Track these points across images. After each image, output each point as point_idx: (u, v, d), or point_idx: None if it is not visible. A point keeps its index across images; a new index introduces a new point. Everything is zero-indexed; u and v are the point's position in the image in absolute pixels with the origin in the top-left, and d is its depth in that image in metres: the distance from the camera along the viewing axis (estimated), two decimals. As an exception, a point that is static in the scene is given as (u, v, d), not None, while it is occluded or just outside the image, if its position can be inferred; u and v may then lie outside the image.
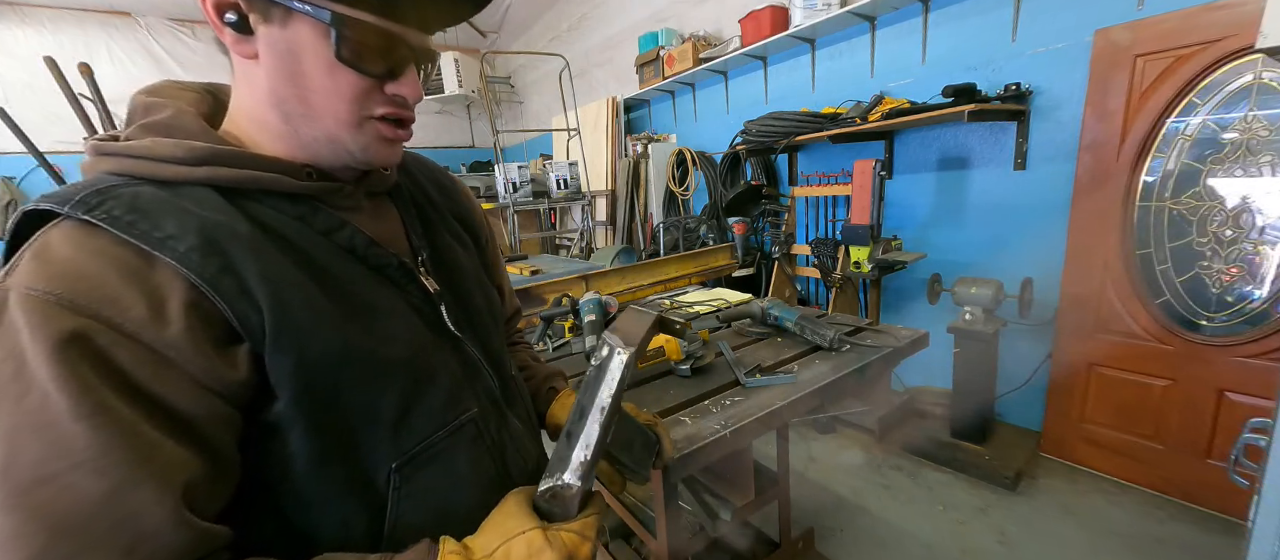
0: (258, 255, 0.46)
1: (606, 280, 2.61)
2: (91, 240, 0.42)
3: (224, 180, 0.48)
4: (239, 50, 0.48)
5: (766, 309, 1.59)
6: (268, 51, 0.47)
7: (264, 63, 0.48)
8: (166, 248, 0.42)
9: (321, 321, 0.49)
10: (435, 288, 0.63)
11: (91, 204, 0.43)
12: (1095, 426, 2.37)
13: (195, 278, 0.43)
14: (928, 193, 2.95)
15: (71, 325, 0.38)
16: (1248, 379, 1.96)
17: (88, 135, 3.21)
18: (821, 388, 1.21)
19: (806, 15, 3.09)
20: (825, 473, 2.55)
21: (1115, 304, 2.25)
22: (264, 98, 0.50)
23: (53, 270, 0.40)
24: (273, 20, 0.46)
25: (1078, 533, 2.04)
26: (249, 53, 0.48)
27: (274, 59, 0.48)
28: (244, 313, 0.45)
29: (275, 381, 0.46)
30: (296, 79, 0.48)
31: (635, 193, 4.88)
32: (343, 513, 0.51)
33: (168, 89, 0.54)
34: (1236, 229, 1.95)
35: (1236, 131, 1.92)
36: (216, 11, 0.46)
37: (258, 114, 0.51)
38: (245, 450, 0.47)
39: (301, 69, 0.48)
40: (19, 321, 0.38)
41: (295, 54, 0.47)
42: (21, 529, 0.36)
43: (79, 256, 0.41)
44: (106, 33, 5.88)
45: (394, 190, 0.66)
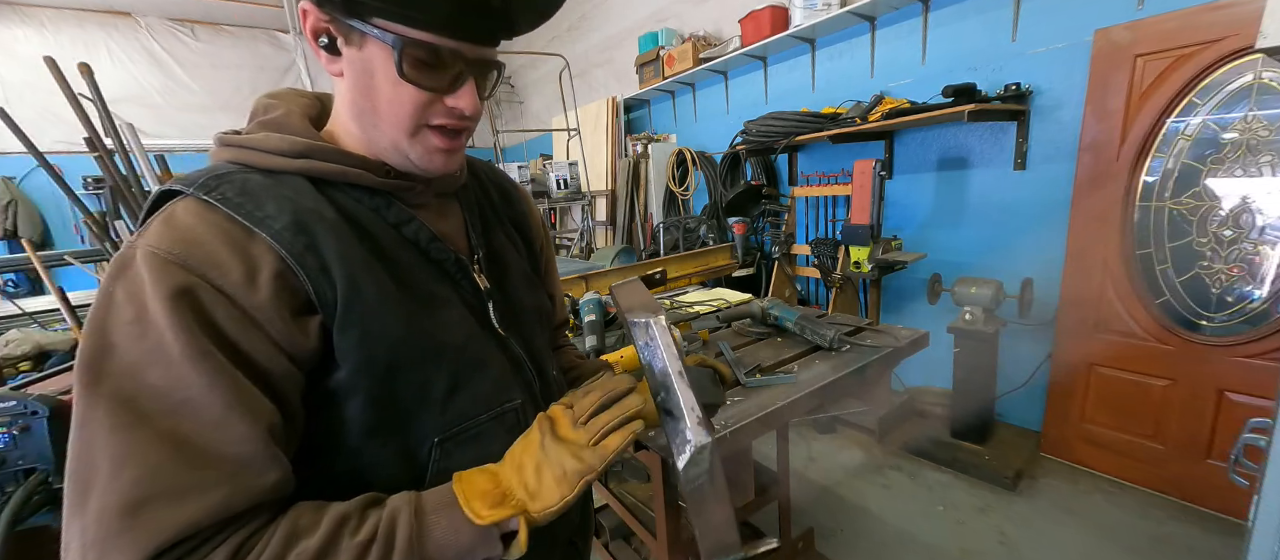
0: (338, 238, 0.53)
1: (606, 280, 2.60)
2: (208, 214, 0.50)
3: (316, 172, 0.56)
4: (330, 69, 0.56)
5: (766, 309, 1.59)
6: (349, 69, 0.55)
7: (346, 78, 0.56)
8: (264, 225, 0.50)
9: (386, 302, 0.55)
10: (486, 285, 0.68)
11: (211, 186, 0.51)
12: (1095, 426, 2.37)
13: (284, 253, 0.50)
14: (928, 193, 2.95)
15: (182, 281, 0.46)
16: (1248, 379, 1.96)
17: (88, 134, 3.21)
18: (821, 388, 1.21)
19: (806, 15, 3.09)
20: (825, 473, 2.55)
21: (1115, 304, 2.25)
22: (347, 107, 0.59)
23: (174, 235, 0.48)
24: (352, 43, 0.53)
25: (1078, 533, 2.04)
26: (336, 71, 0.56)
27: (353, 75, 0.55)
28: (321, 288, 0.51)
29: (340, 353, 0.52)
30: (369, 92, 0.55)
31: (635, 193, 4.88)
32: (385, 481, 0.56)
33: (286, 94, 0.64)
34: (1236, 229, 1.95)
35: (1236, 131, 1.92)
36: (313, 36, 0.54)
37: (344, 120, 0.60)
38: (304, 414, 0.53)
39: (373, 83, 0.54)
40: (143, 273, 0.46)
41: (369, 71, 0.54)
42: (147, 445, 0.42)
43: (197, 226, 0.49)
44: (106, 33, 5.88)
45: (460, 191, 0.72)
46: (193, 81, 6.37)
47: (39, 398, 1.15)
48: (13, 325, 3.89)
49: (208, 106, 6.50)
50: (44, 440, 1.14)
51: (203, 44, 6.39)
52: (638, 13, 4.80)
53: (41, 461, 1.15)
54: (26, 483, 1.11)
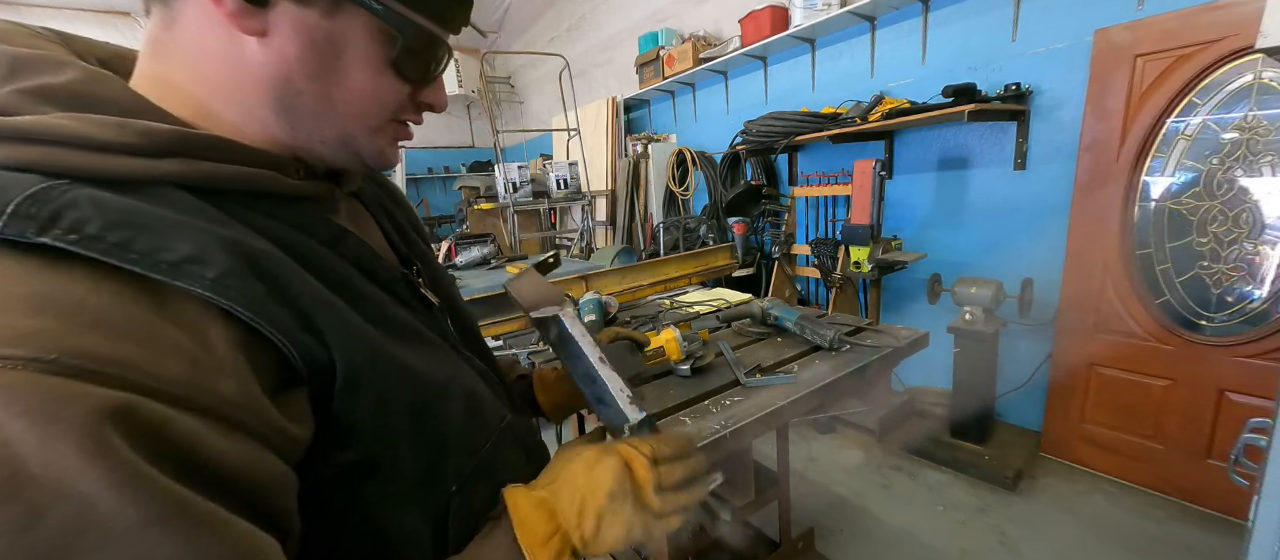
0: (295, 274, 0.38)
1: (606, 280, 2.60)
2: (59, 275, 0.29)
3: (198, 177, 0.37)
4: (242, 24, 0.38)
5: (766, 309, 1.59)
6: (293, 35, 0.39)
7: (277, 46, 0.39)
8: (186, 274, 0.32)
9: (378, 347, 0.41)
10: (437, 300, 0.58)
11: (43, 217, 0.29)
12: (1095, 426, 2.37)
13: (241, 310, 0.33)
14: (928, 193, 2.95)
15: (104, 400, 0.27)
16: (1248, 379, 1.96)
17: None
18: (821, 388, 1.21)
19: (806, 15, 3.09)
20: (825, 473, 2.55)
21: (1115, 304, 2.25)
22: (258, 82, 0.40)
23: (31, 326, 0.27)
24: (313, 4, 0.39)
25: (1078, 533, 2.04)
26: (254, 28, 0.38)
27: (300, 46, 0.39)
28: (308, 348, 0.36)
29: (350, 425, 0.39)
30: (325, 74, 0.41)
31: (635, 193, 4.88)
32: (406, 547, 0.45)
33: (17, 35, 0.39)
34: (1236, 229, 1.95)
35: (1236, 131, 1.92)
36: None
37: (235, 97, 0.41)
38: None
39: (339, 65, 0.41)
40: (5, 415, 0.25)
41: (335, 47, 0.40)
42: None
43: (57, 299, 0.28)
44: (106, 33, 5.88)
45: (360, 192, 0.58)
46: (193, 81, 6.38)
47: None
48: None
49: (208, 106, 6.51)
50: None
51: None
52: (638, 13, 4.80)
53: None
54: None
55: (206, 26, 0.39)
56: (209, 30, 0.39)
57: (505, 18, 6.86)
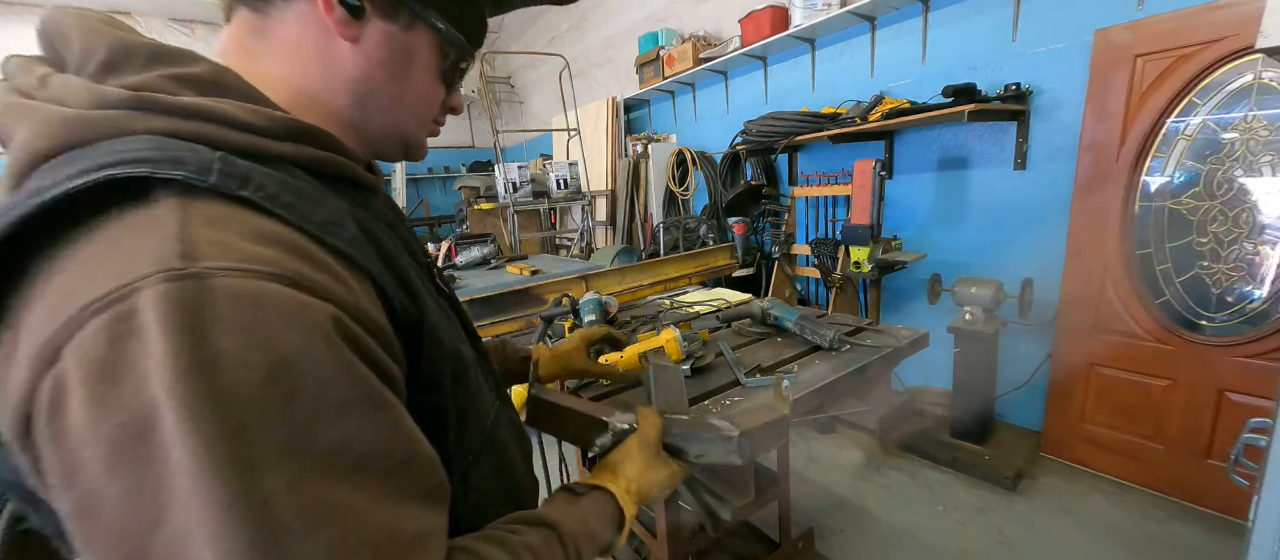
0: (390, 245, 0.46)
1: (606, 280, 2.60)
2: (256, 222, 0.36)
3: (308, 160, 0.43)
4: (342, 31, 0.45)
5: (766, 309, 1.59)
6: (379, 43, 0.47)
7: (365, 50, 0.47)
8: (332, 233, 0.39)
9: (440, 313, 0.51)
10: (447, 288, 0.65)
11: (238, 177, 0.36)
12: (1095, 426, 2.37)
13: (371, 267, 0.41)
14: (928, 193, 2.95)
15: (325, 311, 0.34)
16: (1248, 379, 1.96)
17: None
18: (821, 388, 1.21)
19: (806, 15, 3.09)
20: (825, 473, 2.55)
21: (1115, 304, 2.25)
22: (345, 78, 0.48)
23: (262, 252, 0.34)
24: (397, 20, 0.47)
25: (1078, 533, 2.04)
26: (350, 35, 0.46)
27: (382, 52, 0.48)
28: (405, 305, 0.44)
29: (429, 373, 0.46)
30: (398, 76, 0.50)
31: (635, 193, 4.88)
32: (456, 490, 0.50)
33: (116, 31, 0.44)
34: (1236, 229, 1.95)
35: (1236, 131, 1.92)
36: (335, 5, 0.44)
37: (323, 94, 0.48)
38: None
39: (409, 70, 0.50)
40: (262, 311, 0.32)
41: (407, 56, 0.49)
42: (357, 524, 0.34)
43: (276, 235, 0.36)
44: (106, 33, 5.88)
45: None
46: (193, 81, 6.37)
47: (39, 398, 1.15)
48: (13, 325, 3.88)
49: (208, 106, 6.51)
50: (44, 440, 1.14)
51: (202, 44, 6.39)
52: (638, 13, 4.80)
53: (41, 461, 1.15)
54: (26, 483, 1.11)
55: (307, 30, 0.46)
56: (309, 34, 0.46)
57: (505, 18, 6.86)
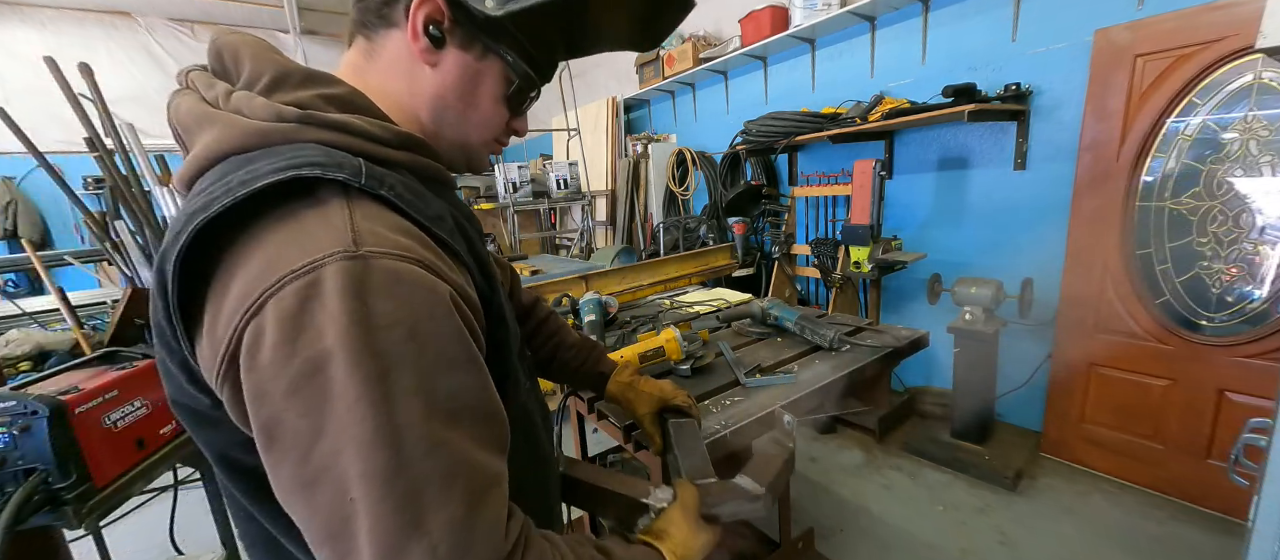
0: (472, 240, 0.55)
1: (606, 280, 2.60)
2: (392, 217, 0.46)
3: (414, 166, 0.54)
4: (424, 57, 0.55)
5: (766, 309, 1.59)
6: (453, 68, 0.56)
7: (442, 74, 0.56)
8: (438, 226, 0.48)
9: (504, 303, 0.58)
10: (503, 261, 0.77)
11: (376, 179, 0.46)
12: (1095, 426, 2.37)
13: (464, 256, 0.50)
14: (928, 193, 2.95)
15: (443, 289, 0.44)
16: (1248, 379, 1.96)
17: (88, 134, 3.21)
18: (821, 388, 1.21)
19: (806, 15, 3.09)
20: (825, 473, 2.55)
21: (1115, 304, 2.25)
22: (425, 96, 0.57)
23: (401, 241, 0.44)
24: (471, 49, 0.56)
25: (1078, 533, 2.04)
26: (431, 61, 0.55)
27: (455, 77, 0.56)
28: (482, 286, 0.52)
29: (497, 344, 0.54)
30: (468, 97, 0.58)
31: (635, 193, 4.88)
32: None
33: (281, 59, 0.53)
34: (1236, 229, 1.95)
35: (1236, 131, 1.92)
36: (424, 22, 0.53)
37: (410, 109, 0.57)
38: None
39: (477, 92, 0.58)
40: (406, 286, 0.42)
41: (477, 80, 0.57)
42: (461, 453, 0.43)
43: (402, 228, 0.45)
44: (106, 33, 5.88)
45: None
46: (193, 81, 6.37)
47: (39, 398, 1.15)
48: (13, 325, 3.88)
49: (208, 106, 6.51)
50: (44, 440, 1.14)
51: (203, 44, 6.38)
52: (638, 13, 4.80)
53: (41, 461, 1.14)
54: (27, 483, 1.11)
55: (400, 55, 0.56)
56: (401, 57, 0.56)
57: (505, 18, 6.85)
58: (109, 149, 3.56)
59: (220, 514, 1.81)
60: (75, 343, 3.13)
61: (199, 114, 0.48)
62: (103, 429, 1.28)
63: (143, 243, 3.44)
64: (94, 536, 1.77)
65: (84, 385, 1.28)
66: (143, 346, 1.76)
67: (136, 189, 3.68)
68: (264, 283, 0.39)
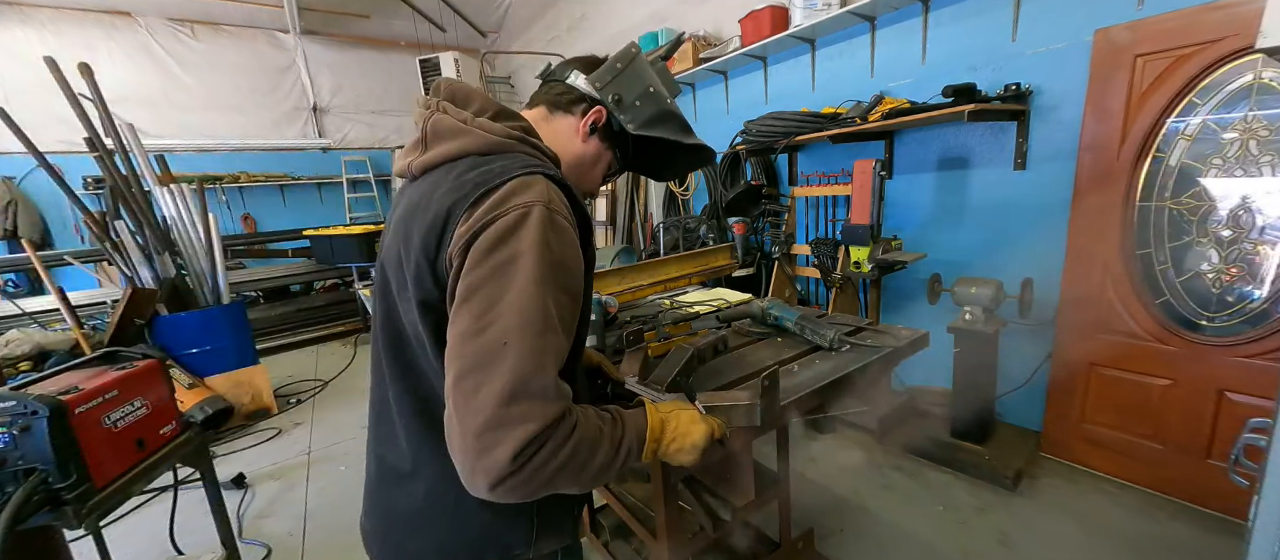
0: (588, 223, 0.80)
1: (606, 280, 2.60)
2: (566, 199, 0.74)
3: (562, 179, 0.79)
4: (582, 135, 0.91)
5: (766, 309, 1.59)
6: (592, 148, 0.92)
7: (585, 148, 0.92)
8: (579, 209, 0.76)
9: None
10: None
11: (562, 180, 0.76)
12: (1095, 426, 2.37)
13: (587, 233, 0.78)
14: (928, 193, 2.95)
15: (573, 233, 0.72)
16: (1248, 379, 1.96)
17: (88, 134, 3.20)
18: (821, 388, 1.21)
19: (806, 15, 3.09)
20: (825, 473, 2.55)
21: (1115, 304, 2.25)
22: (573, 155, 0.91)
23: (569, 214, 0.73)
24: (605, 142, 0.93)
25: (1078, 533, 2.04)
26: (584, 137, 0.91)
27: (592, 153, 0.93)
28: (590, 256, 0.79)
29: (585, 308, 0.81)
30: (591, 166, 0.94)
31: (635, 193, 4.88)
32: None
33: (497, 103, 0.85)
34: (1236, 229, 1.95)
35: (1236, 131, 1.92)
36: (588, 126, 0.90)
37: (561, 155, 0.89)
38: None
39: (596, 165, 0.95)
40: (562, 221, 0.70)
41: (598, 158, 0.94)
42: (575, 315, 0.73)
43: (570, 207, 0.74)
44: (106, 33, 5.88)
45: None
46: (193, 81, 6.38)
47: (39, 398, 1.15)
48: (13, 325, 3.88)
49: (208, 106, 6.51)
50: (44, 440, 1.14)
51: (203, 44, 6.39)
52: (638, 13, 4.80)
53: (41, 461, 1.14)
54: (26, 483, 1.11)
55: (566, 131, 0.92)
56: (565, 132, 0.91)
57: (505, 18, 6.86)
58: (109, 149, 3.54)
59: (220, 514, 1.81)
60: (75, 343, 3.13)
61: (454, 127, 0.78)
62: (103, 429, 1.29)
63: (142, 242, 3.45)
64: (94, 536, 1.76)
65: (84, 385, 1.28)
66: (143, 346, 1.77)
67: (136, 189, 3.67)
68: (498, 208, 0.67)
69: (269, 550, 2.29)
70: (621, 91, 0.91)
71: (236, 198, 6.72)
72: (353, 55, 7.28)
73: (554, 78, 0.94)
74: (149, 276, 3.37)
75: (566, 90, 0.91)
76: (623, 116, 0.91)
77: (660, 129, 0.94)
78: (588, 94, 0.90)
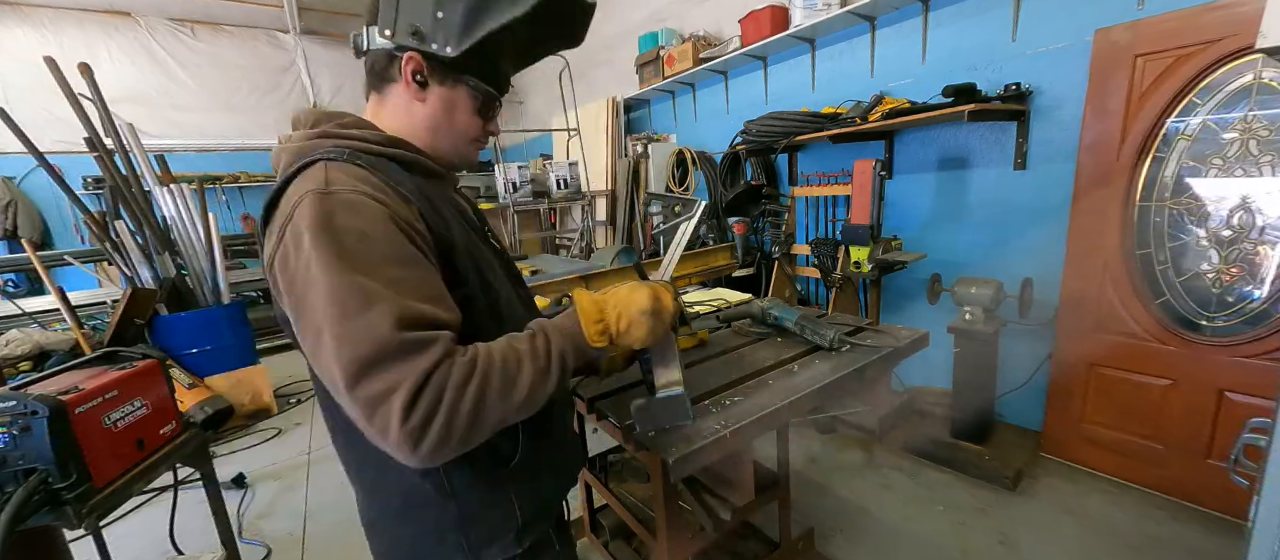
0: (438, 203, 0.76)
1: (606, 280, 2.60)
2: (360, 173, 0.69)
3: (398, 157, 0.77)
4: (414, 95, 0.78)
5: (766, 309, 1.59)
6: (435, 100, 0.79)
7: (430, 106, 0.79)
8: (399, 184, 0.71)
9: (471, 243, 0.79)
10: (500, 245, 0.94)
11: (356, 157, 0.71)
12: (1095, 426, 2.37)
13: (418, 203, 0.71)
14: (928, 193, 2.95)
15: (387, 211, 0.66)
16: (1248, 379, 1.96)
17: (88, 134, 3.21)
18: (821, 388, 1.21)
19: (806, 15, 3.09)
20: (825, 473, 2.55)
21: (1115, 304, 2.25)
22: (421, 122, 0.80)
23: (362, 187, 0.67)
24: (444, 84, 0.79)
25: (1078, 533, 2.04)
26: (420, 98, 0.79)
27: (438, 104, 0.79)
28: (438, 226, 0.73)
29: (457, 270, 0.74)
30: (450, 117, 0.81)
31: (635, 193, 4.88)
32: None
33: (340, 113, 0.81)
34: (1236, 229, 1.95)
35: (1236, 131, 1.92)
36: (411, 74, 0.76)
37: (409, 130, 0.81)
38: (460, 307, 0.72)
39: (454, 113, 0.81)
40: (353, 201, 0.65)
41: (453, 105, 0.80)
42: (399, 278, 0.64)
43: (364, 180, 0.68)
44: (106, 33, 5.88)
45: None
46: (193, 81, 6.38)
47: (39, 398, 1.15)
48: (13, 325, 3.87)
49: (208, 106, 6.51)
50: (44, 440, 1.14)
51: (203, 44, 6.39)
52: (638, 13, 4.80)
53: (41, 461, 1.14)
54: (26, 483, 1.11)
55: (400, 99, 0.80)
56: (402, 100, 0.80)
57: (505, 18, 6.84)
58: (109, 149, 3.54)
59: (220, 514, 1.81)
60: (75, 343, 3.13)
61: (277, 154, 0.76)
62: (103, 429, 1.28)
63: (142, 242, 3.45)
64: (94, 536, 1.76)
65: (84, 385, 1.28)
66: (143, 346, 1.76)
67: (136, 189, 3.67)
68: (281, 217, 0.66)
69: (269, 550, 2.29)
70: (414, 18, 0.73)
71: (236, 198, 6.72)
72: (352, 55, 7.28)
73: (362, 52, 0.79)
74: (149, 276, 3.37)
75: (375, 57, 0.77)
76: (434, 46, 0.73)
77: (487, 22, 0.72)
78: (386, 48, 0.75)
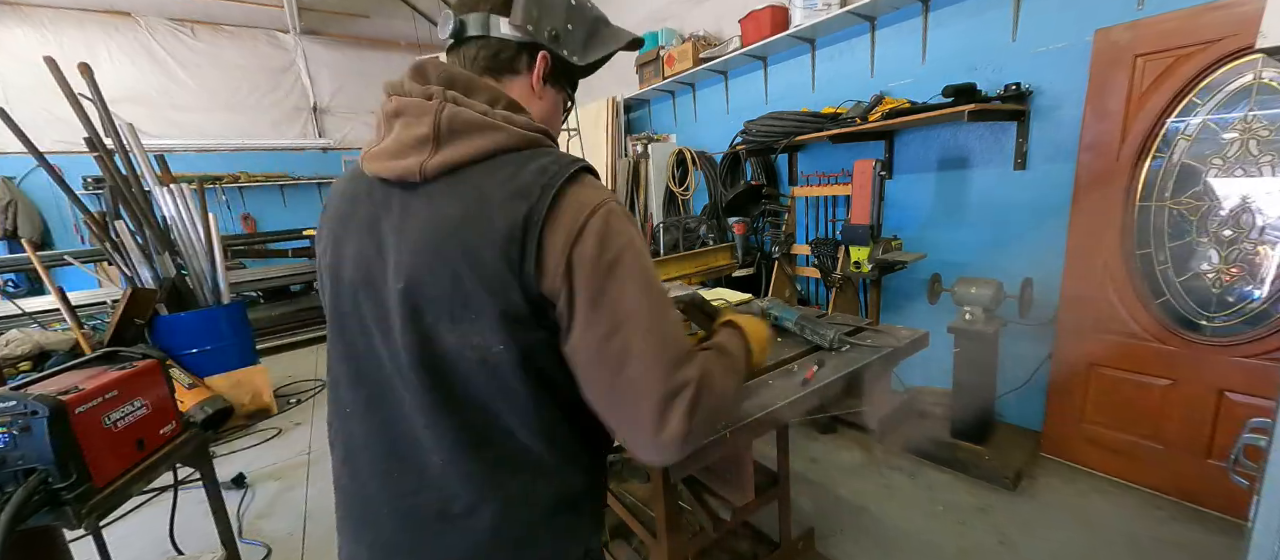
0: None
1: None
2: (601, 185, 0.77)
3: None
4: (538, 91, 0.82)
5: (766, 309, 1.59)
6: (550, 99, 0.84)
7: (546, 102, 0.84)
8: None
9: None
10: None
11: (582, 167, 0.74)
12: (1095, 426, 2.37)
13: None
14: (928, 193, 2.95)
15: None
16: (1248, 379, 1.96)
17: (88, 134, 3.21)
18: (821, 388, 1.21)
19: (806, 15, 3.09)
20: (825, 473, 2.55)
21: (1115, 304, 2.25)
22: (537, 117, 0.80)
23: (611, 197, 0.71)
24: (558, 86, 0.85)
25: (1078, 533, 2.04)
26: (541, 94, 0.82)
27: (551, 103, 0.85)
28: None
29: None
30: (554, 109, 0.86)
31: (635, 193, 4.88)
32: None
33: (482, 82, 0.80)
34: (1236, 229, 1.95)
35: (1236, 131, 1.92)
36: (540, 79, 0.81)
37: (540, 119, 0.82)
38: None
39: (557, 113, 0.87)
40: (625, 219, 0.71)
41: (558, 107, 0.87)
42: (666, 321, 0.70)
43: (607, 189, 0.75)
44: (106, 33, 5.88)
45: None
46: (193, 81, 6.38)
47: (39, 398, 1.15)
48: (13, 325, 3.87)
49: (208, 106, 6.52)
50: (44, 440, 1.14)
51: (203, 44, 6.39)
52: (638, 13, 4.80)
53: (41, 461, 1.14)
54: (26, 483, 1.11)
55: (522, 93, 0.81)
56: (522, 94, 0.81)
57: (505, 18, 6.84)
58: (109, 149, 3.54)
59: (220, 514, 1.81)
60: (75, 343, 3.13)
61: (478, 121, 0.70)
62: (103, 429, 1.29)
63: (142, 242, 3.45)
64: (94, 536, 1.76)
65: (84, 385, 1.28)
66: (143, 346, 1.76)
67: (136, 189, 3.67)
68: (580, 211, 0.67)
69: (269, 550, 2.29)
70: (553, 22, 0.78)
71: (236, 198, 6.72)
72: (353, 55, 7.28)
73: (476, 35, 0.77)
74: (149, 276, 3.37)
75: (501, 45, 0.77)
76: (566, 52, 0.80)
77: (601, 47, 0.83)
78: (525, 42, 0.77)
